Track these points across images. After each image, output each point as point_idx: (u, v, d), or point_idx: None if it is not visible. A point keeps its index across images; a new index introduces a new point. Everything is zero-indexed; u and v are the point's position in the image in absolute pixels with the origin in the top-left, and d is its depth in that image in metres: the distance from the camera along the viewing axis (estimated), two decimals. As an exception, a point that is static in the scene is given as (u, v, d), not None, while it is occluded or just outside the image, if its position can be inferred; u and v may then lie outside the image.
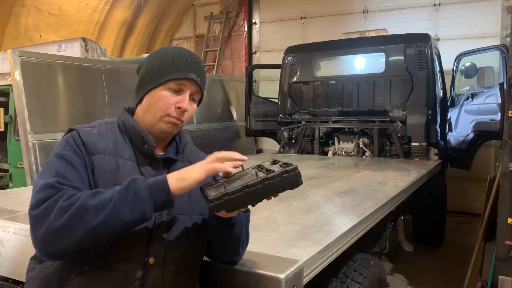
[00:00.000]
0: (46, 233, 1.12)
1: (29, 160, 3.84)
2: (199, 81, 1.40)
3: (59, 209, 1.11)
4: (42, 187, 1.17)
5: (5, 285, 1.85)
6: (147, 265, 1.26)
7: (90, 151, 1.29)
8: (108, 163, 1.29)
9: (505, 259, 3.09)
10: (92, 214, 1.11)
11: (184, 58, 1.39)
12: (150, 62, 1.41)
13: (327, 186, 3.14)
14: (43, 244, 1.14)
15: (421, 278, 4.14)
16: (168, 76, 1.35)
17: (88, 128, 1.36)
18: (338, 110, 5.43)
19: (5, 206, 2.22)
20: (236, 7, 8.75)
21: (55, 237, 1.11)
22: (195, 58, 1.43)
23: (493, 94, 4.64)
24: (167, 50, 1.44)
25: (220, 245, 1.42)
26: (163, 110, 1.36)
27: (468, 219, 6.23)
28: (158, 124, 1.37)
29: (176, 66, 1.36)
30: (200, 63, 1.44)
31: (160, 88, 1.36)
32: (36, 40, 7.39)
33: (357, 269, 2.11)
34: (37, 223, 1.13)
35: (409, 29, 5.87)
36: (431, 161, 4.79)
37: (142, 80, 1.41)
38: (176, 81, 1.36)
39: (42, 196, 1.15)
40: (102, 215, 1.11)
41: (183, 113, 1.37)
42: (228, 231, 1.35)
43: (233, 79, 7.82)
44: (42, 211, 1.13)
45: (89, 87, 4.57)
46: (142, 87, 1.40)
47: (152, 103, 1.37)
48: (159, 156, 1.39)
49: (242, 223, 1.39)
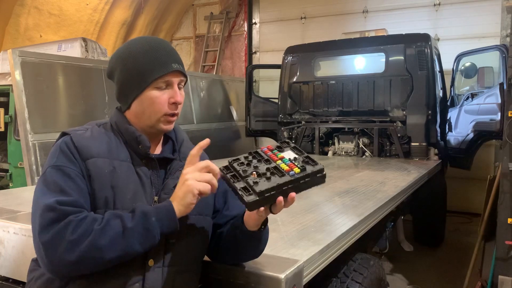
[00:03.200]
0: (59, 265, 1.15)
1: (29, 160, 3.84)
2: (181, 68, 1.36)
3: (69, 243, 1.12)
4: (43, 209, 1.16)
5: (5, 285, 1.85)
6: (146, 267, 1.25)
7: (84, 156, 1.27)
8: (103, 166, 1.27)
9: (505, 259, 3.09)
10: (105, 252, 1.14)
11: (159, 51, 1.33)
12: (124, 65, 1.33)
13: (327, 186, 3.14)
14: (55, 272, 1.18)
15: (421, 278, 4.14)
16: (152, 76, 1.30)
17: (80, 131, 1.34)
18: (338, 110, 5.42)
19: (5, 206, 2.22)
20: (236, 7, 8.74)
21: (67, 269, 1.16)
22: (167, 46, 1.38)
23: (493, 94, 4.64)
24: (136, 48, 1.35)
25: (237, 256, 1.43)
26: (159, 112, 1.33)
27: (468, 219, 6.23)
28: (157, 125, 1.35)
29: (155, 64, 1.31)
30: (172, 48, 1.39)
31: (148, 89, 1.31)
32: (36, 40, 7.39)
33: (357, 269, 2.11)
34: (48, 253, 1.14)
35: (409, 29, 5.87)
36: (431, 161, 4.79)
37: (123, 87, 1.35)
38: (162, 79, 1.32)
39: (46, 220, 1.15)
40: (115, 252, 1.15)
41: (178, 105, 1.36)
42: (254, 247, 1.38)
43: (233, 79, 7.82)
44: (50, 240, 1.14)
45: (89, 87, 4.57)
46: (126, 94, 1.35)
47: (145, 107, 1.33)
48: (155, 156, 1.37)
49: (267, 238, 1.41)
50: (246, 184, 1.20)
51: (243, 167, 1.25)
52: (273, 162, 1.25)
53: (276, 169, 1.22)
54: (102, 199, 1.25)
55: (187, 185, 1.20)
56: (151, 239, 1.19)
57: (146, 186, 1.32)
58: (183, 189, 1.21)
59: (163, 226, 1.20)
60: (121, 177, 1.28)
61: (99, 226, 1.15)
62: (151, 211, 1.20)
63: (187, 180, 1.21)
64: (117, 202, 1.25)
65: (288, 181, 1.18)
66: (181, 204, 1.22)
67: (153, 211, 1.20)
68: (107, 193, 1.25)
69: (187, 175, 1.22)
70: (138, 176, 1.32)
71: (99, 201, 1.25)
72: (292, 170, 1.21)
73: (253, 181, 1.19)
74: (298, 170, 1.20)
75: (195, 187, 1.20)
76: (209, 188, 1.21)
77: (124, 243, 1.16)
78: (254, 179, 1.20)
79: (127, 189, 1.28)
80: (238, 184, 1.21)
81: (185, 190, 1.20)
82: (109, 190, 1.25)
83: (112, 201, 1.25)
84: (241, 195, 1.18)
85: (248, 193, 1.18)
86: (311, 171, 1.20)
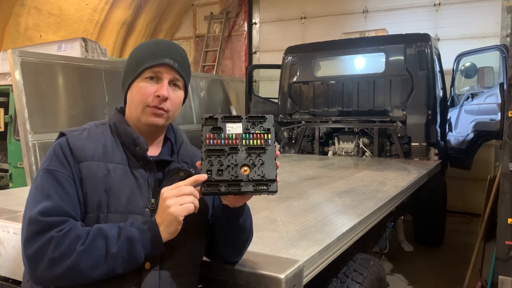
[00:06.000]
0: (41, 280, 1.17)
1: (29, 160, 3.84)
2: (176, 66, 1.34)
3: (51, 261, 1.13)
4: (28, 222, 1.18)
5: (5, 285, 1.85)
6: (143, 270, 1.24)
7: (78, 159, 1.27)
8: (97, 170, 1.26)
9: (505, 259, 3.09)
10: (86, 274, 1.15)
11: (157, 45, 1.35)
12: (129, 58, 1.40)
13: (327, 186, 3.15)
14: (37, 284, 1.21)
15: (421, 278, 4.14)
16: (142, 66, 1.32)
17: (77, 132, 1.33)
18: (338, 110, 5.43)
19: (5, 206, 2.22)
20: (236, 7, 8.75)
21: (51, 283, 1.19)
22: (171, 44, 1.39)
23: (493, 94, 4.64)
24: (144, 43, 1.41)
25: (227, 242, 1.41)
26: (142, 101, 1.32)
27: (468, 219, 6.23)
28: (142, 117, 1.33)
29: (148, 54, 1.33)
30: (177, 49, 1.38)
31: (138, 80, 1.33)
32: (36, 40, 7.39)
33: (357, 269, 2.11)
34: (31, 267, 1.16)
35: (409, 29, 5.87)
36: (431, 161, 4.79)
37: (123, 77, 1.40)
38: (151, 69, 1.31)
39: (29, 233, 1.16)
40: (97, 273, 1.15)
41: (164, 101, 1.32)
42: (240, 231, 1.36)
43: (233, 79, 7.83)
44: (33, 254, 1.15)
45: (89, 87, 4.57)
46: (124, 84, 1.39)
47: (133, 96, 1.35)
48: (152, 158, 1.35)
49: (251, 219, 1.40)
50: (211, 168, 1.21)
51: (216, 136, 1.24)
52: (239, 156, 1.23)
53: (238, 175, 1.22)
54: (95, 203, 1.24)
55: (170, 213, 1.17)
56: (134, 264, 1.19)
57: (142, 189, 1.30)
58: (168, 218, 1.18)
59: (148, 251, 1.20)
60: (115, 180, 1.27)
61: (81, 247, 1.14)
62: (137, 238, 1.18)
63: (169, 207, 1.17)
64: (111, 205, 1.25)
65: (240, 192, 1.20)
66: (166, 232, 1.20)
67: (139, 237, 1.18)
68: (101, 196, 1.24)
69: (168, 200, 1.18)
70: (134, 178, 1.30)
71: (92, 205, 1.24)
72: (249, 181, 1.20)
73: (218, 169, 1.21)
74: (252, 187, 1.21)
75: (179, 214, 1.17)
76: (192, 208, 1.19)
77: (106, 266, 1.16)
78: (219, 167, 1.21)
79: (121, 193, 1.26)
80: (205, 163, 1.21)
81: (170, 219, 1.18)
82: (102, 194, 1.24)
83: (106, 205, 1.24)
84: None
85: (208, 182, 1.19)
86: (261, 189, 1.21)
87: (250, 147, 1.23)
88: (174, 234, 1.21)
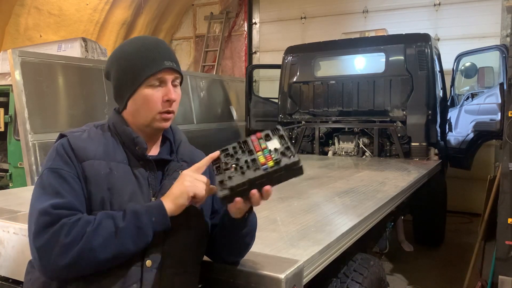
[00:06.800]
0: (53, 269, 1.16)
1: (29, 160, 3.84)
2: (175, 66, 1.35)
3: (63, 246, 1.13)
4: (38, 214, 1.17)
5: (5, 285, 1.85)
6: (144, 268, 1.25)
7: (80, 158, 1.27)
8: (99, 168, 1.27)
9: (505, 259, 3.09)
10: (98, 252, 1.15)
11: (151, 49, 1.33)
12: (119, 65, 1.35)
13: (327, 186, 3.15)
14: (49, 275, 1.19)
15: (421, 278, 4.14)
16: (144, 74, 1.30)
17: (77, 133, 1.34)
18: (338, 110, 5.42)
19: (5, 206, 2.22)
20: (236, 7, 8.75)
21: (61, 273, 1.17)
22: (159, 43, 1.38)
23: (493, 94, 4.63)
24: (129, 47, 1.36)
25: (230, 247, 1.42)
26: (153, 110, 1.32)
27: (468, 219, 6.23)
28: (153, 124, 1.34)
29: (148, 61, 1.31)
30: (167, 47, 1.39)
31: (141, 88, 1.31)
32: (36, 40, 7.39)
33: (357, 269, 2.11)
34: (42, 257, 1.15)
35: (409, 29, 5.87)
36: (431, 161, 4.79)
37: (119, 86, 1.36)
38: (155, 76, 1.31)
39: (40, 225, 1.16)
40: (109, 253, 1.16)
41: (172, 103, 1.34)
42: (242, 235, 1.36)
43: (233, 79, 7.82)
44: (44, 244, 1.14)
45: (89, 87, 4.57)
46: (122, 93, 1.36)
47: (139, 106, 1.33)
48: (152, 157, 1.36)
49: (255, 228, 1.40)
50: (224, 177, 1.22)
51: (227, 158, 1.27)
52: (254, 153, 1.25)
53: (253, 162, 1.23)
54: (99, 200, 1.25)
55: (185, 185, 1.23)
56: (144, 238, 1.20)
57: (143, 188, 1.32)
58: (180, 188, 1.24)
59: (155, 224, 1.21)
60: (118, 179, 1.28)
61: (91, 228, 1.16)
62: (141, 210, 1.21)
63: (186, 180, 1.24)
64: (114, 203, 1.25)
65: (260, 176, 1.20)
66: (173, 203, 1.23)
67: (144, 209, 1.22)
68: (104, 194, 1.25)
69: (187, 176, 1.25)
70: (135, 177, 1.32)
71: (96, 203, 1.25)
72: (266, 164, 1.21)
73: (229, 176, 1.22)
74: (272, 164, 1.21)
75: (191, 189, 1.23)
76: (203, 195, 1.24)
77: (117, 242, 1.16)
78: (230, 173, 1.22)
79: (124, 191, 1.28)
80: (218, 177, 1.24)
81: (182, 189, 1.23)
82: (105, 192, 1.25)
83: (109, 203, 1.25)
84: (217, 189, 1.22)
85: (223, 187, 1.20)
86: (285, 165, 1.21)
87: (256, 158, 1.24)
88: (179, 208, 1.24)
